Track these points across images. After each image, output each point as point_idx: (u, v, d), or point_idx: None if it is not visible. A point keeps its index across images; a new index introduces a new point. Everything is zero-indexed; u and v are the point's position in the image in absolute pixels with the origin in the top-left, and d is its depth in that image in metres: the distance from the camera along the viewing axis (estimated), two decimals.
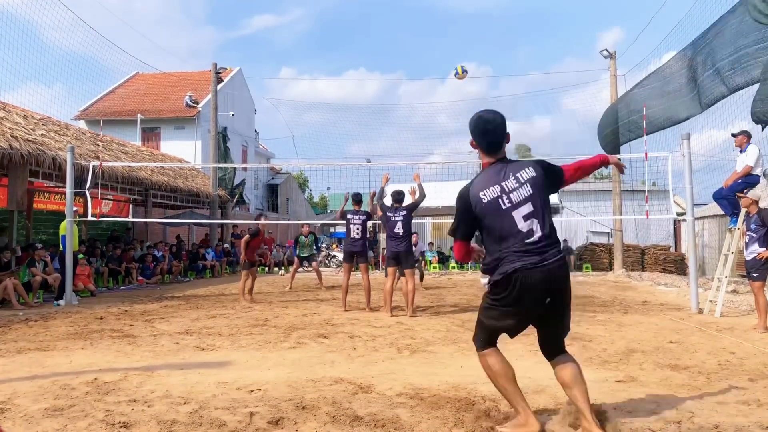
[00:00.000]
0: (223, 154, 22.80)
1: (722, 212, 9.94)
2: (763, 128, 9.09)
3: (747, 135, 8.43)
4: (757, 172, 8.26)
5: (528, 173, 3.10)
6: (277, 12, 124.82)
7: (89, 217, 11.40)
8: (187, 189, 18.95)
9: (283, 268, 20.20)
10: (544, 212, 3.08)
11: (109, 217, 16.99)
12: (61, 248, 10.51)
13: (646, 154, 9.91)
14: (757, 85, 9.07)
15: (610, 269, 19.74)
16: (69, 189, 10.57)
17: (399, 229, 8.31)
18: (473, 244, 3.32)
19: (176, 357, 5.42)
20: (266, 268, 20.05)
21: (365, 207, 9.42)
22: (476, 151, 3.28)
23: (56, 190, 15.01)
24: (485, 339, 3.25)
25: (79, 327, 7.32)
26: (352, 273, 9.24)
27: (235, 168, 24.59)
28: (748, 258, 7.31)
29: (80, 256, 11.95)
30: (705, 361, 5.09)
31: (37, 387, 4.28)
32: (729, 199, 8.60)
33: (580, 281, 15.88)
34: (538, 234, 3.03)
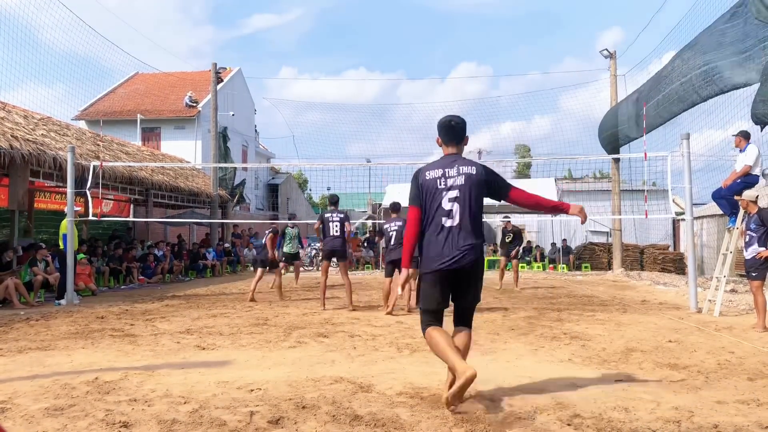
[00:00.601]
0: (224, 154, 22.83)
1: (721, 212, 9.96)
2: (762, 129, 9.10)
3: (746, 135, 8.44)
4: (756, 172, 8.27)
5: (469, 170, 3.69)
6: (276, 11, 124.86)
7: (90, 217, 11.41)
8: (187, 189, 18.96)
9: (283, 268, 20.17)
10: (469, 203, 3.63)
11: (110, 216, 17.00)
12: (62, 247, 10.54)
13: (645, 154, 9.93)
14: (756, 86, 9.10)
15: (609, 269, 19.76)
16: (70, 189, 10.58)
17: (393, 240, 8.75)
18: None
19: (177, 356, 5.43)
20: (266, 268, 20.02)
21: (363, 205, 9.81)
22: (441, 147, 3.91)
23: (57, 190, 15.02)
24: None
25: (80, 326, 7.33)
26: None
27: (235, 168, 24.63)
28: (747, 257, 7.32)
29: (81, 255, 11.96)
30: (704, 361, 5.10)
31: (38, 386, 4.29)
32: (728, 198, 8.60)
33: (579, 280, 15.90)
34: (457, 219, 3.62)
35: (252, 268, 19.98)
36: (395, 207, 9.29)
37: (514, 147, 45.43)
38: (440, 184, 3.67)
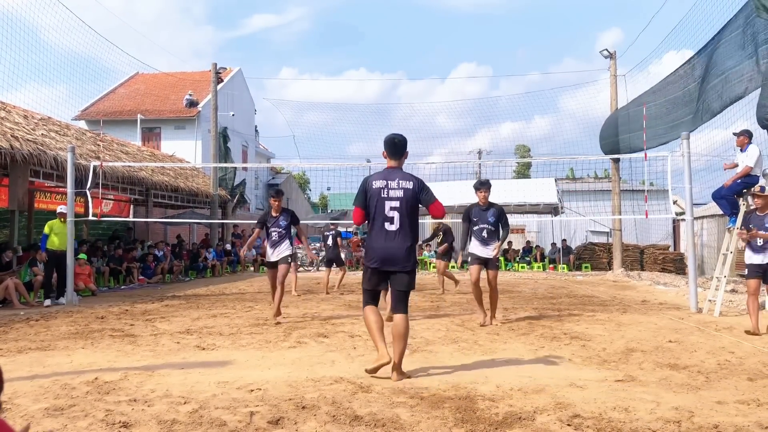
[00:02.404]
0: (224, 154, 22.81)
1: (721, 212, 9.96)
2: None
3: (748, 135, 8.44)
4: (757, 172, 8.27)
5: (407, 185, 4.48)
6: (276, 11, 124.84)
7: (90, 217, 11.41)
8: (187, 189, 18.96)
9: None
10: (406, 212, 4.44)
11: (110, 216, 17.00)
12: (39, 249, 10.51)
13: (645, 154, 9.93)
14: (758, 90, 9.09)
15: (609, 269, 19.74)
16: (70, 189, 10.58)
17: None
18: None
19: (177, 356, 5.43)
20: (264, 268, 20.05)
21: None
22: (384, 158, 4.69)
23: (57, 190, 15.02)
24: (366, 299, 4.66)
25: (80, 326, 7.33)
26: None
27: (235, 168, 24.59)
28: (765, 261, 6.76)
29: (82, 255, 11.97)
30: (704, 361, 5.09)
31: (38, 386, 4.29)
32: (728, 198, 8.61)
33: (579, 281, 15.89)
34: (397, 225, 4.41)
35: (253, 269, 20.05)
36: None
37: (514, 147, 45.47)
38: (383, 194, 4.43)
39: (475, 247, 7.29)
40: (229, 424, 3.39)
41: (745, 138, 8.39)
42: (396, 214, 4.40)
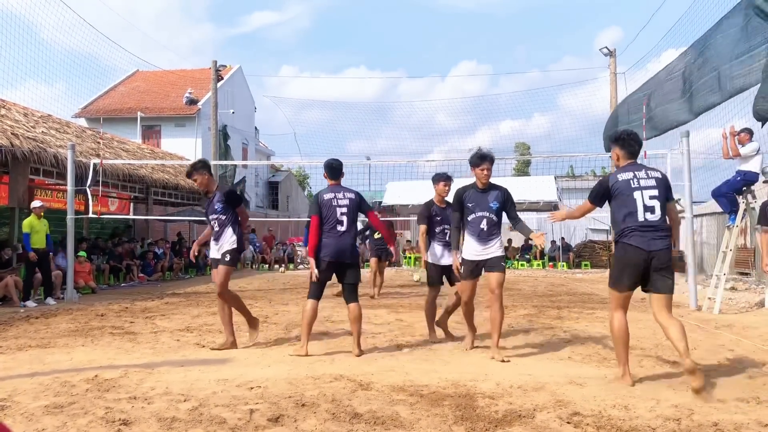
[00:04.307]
0: (224, 152, 22.81)
1: (721, 210, 9.96)
2: (762, 125, 9.10)
3: (749, 133, 8.45)
4: (756, 169, 8.28)
5: (351, 196, 5.45)
6: (276, 9, 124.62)
7: (90, 215, 11.40)
8: (187, 186, 18.95)
9: (283, 266, 20.20)
10: (352, 217, 5.42)
11: (110, 214, 16.99)
12: (23, 248, 9.91)
13: (645, 152, 9.91)
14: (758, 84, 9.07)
15: (609, 267, 19.74)
16: (70, 186, 10.58)
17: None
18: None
19: (176, 354, 5.44)
20: (266, 266, 20.07)
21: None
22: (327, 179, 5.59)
23: (57, 188, 15.02)
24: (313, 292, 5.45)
25: (80, 324, 7.33)
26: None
27: (235, 165, 24.60)
28: None
29: (81, 253, 11.96)
30: (704, 359, 5.10)
31: (38, 384, 4.29)
32: (728, 196, 8.61)
33: (579, 278, 15.90)
34: (345, 227, 5.35)
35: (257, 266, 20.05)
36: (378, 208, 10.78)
37: (514, 145, 45.44)
38: (334, 203, 5.37)
39: (469, 247, 5.32)
40: (229, 422, 3.39)
41: (746, 135, 8.40)
42: (345, 218, 5.36)
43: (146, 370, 4.71)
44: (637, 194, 4.22)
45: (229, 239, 5.77)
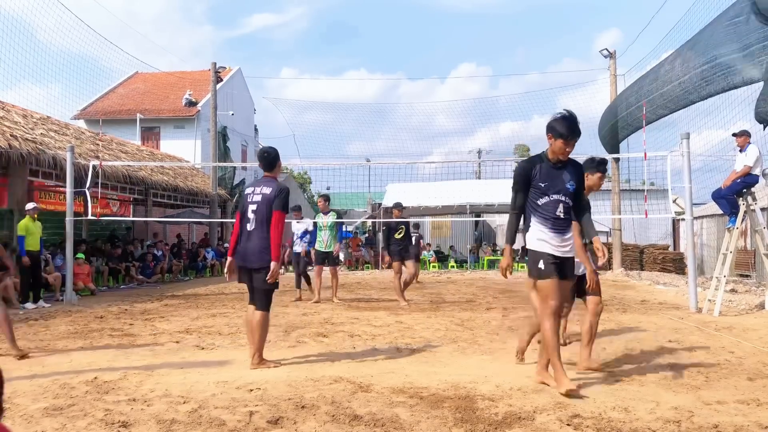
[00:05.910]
0: (223, 154, 22.80)
1: (721, 212, 9.96)
2: (764, 127, 9.11)
3: (748, 135, 8.45)
4: (756, 172, 8.27)
5: (265, 191, 4.93)
6: (276, 11, 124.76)
7: (89, 217, 11.40)
8: (187, 188, 18.96)
9: (283, 266, 20.17)
10: (262, 214, 4.85)
11: (109, 216, 16.99)
12: (18, 251, 9.81)
13: (645, 153, 9.92)
14: (758, 85, 9.09)
15: (609, 268, 19.74)
16: (69, 188, 10.57)
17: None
18: None
19: (176, 356, 5.43)
20: None
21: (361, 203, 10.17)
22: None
23: (56, 190, 15.01)
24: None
25: (79, 326, 7.32)
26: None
27: (234, 167, 24.58)
28: None
29: (80, 255, 11.95)
30: (704, 361, 5.09)
31: (37, 386, 4.28)
32: (728, 198, 8.60)
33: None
34: (252, 226, 4.88)
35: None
36: (398, 206, 10.18)
37: (513, 147, 45.43)
38: (249, 198, 4.98)
39: (544, 238, 4.17)
40: (228, 424, 3.39)
41: (745, 138, 8.40)
42: (253, 216, 4.90)
43: (145, 372, 4.71)
44: None
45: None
